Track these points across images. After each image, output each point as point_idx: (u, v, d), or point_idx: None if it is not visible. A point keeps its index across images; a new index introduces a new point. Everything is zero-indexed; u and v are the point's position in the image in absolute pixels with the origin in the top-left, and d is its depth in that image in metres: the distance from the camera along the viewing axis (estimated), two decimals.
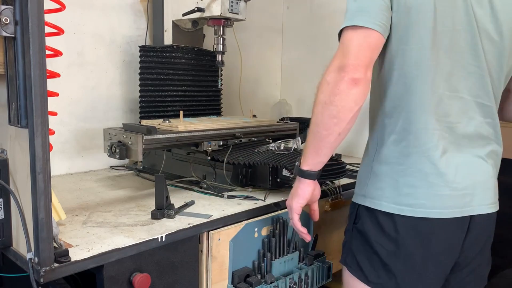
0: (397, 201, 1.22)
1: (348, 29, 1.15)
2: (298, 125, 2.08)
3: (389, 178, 1.24)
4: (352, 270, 1.33)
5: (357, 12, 1.14)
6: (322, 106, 1.17)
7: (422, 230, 1.22)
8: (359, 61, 1.13)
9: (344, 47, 1.15)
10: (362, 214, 1.31)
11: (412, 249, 1.23)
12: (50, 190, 1.00)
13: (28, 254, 1.02)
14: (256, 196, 1.60)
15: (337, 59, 1.15)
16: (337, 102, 1.14)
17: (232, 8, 1.88)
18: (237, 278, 1.41)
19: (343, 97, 1.13)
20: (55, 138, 1.82)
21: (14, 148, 1.10)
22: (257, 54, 2.75)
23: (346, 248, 1.38)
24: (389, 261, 1.25)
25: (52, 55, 1.42)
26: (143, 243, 1.19)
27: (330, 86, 1.15)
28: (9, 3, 0.99)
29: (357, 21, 1.13)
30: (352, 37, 1.14)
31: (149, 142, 1.53)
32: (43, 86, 0.96)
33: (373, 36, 1.14)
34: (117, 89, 2.11)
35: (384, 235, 1.25)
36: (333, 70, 1.15)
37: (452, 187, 1.21)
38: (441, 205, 1.20)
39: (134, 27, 2.13)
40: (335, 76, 1.14)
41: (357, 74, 1.12)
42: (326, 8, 2.62)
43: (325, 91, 1.16)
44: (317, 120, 1.20)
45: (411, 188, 1.21)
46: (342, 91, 1.13)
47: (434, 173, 1.20)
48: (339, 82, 1.13)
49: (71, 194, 1.64)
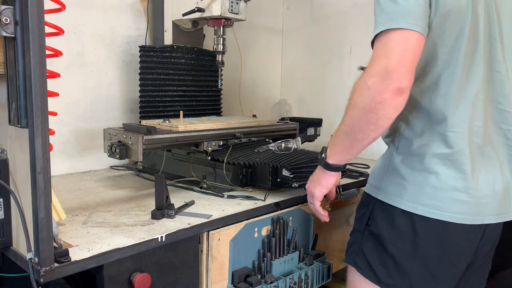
0: (418, 201, 1.20)
1: (391, 31, 1.08)
2: (298, 125, 2.08)
3: (410, 175, 1.22)
4: (363, 271, 1.31)
5: (399, 14, 1.08)
6: (360, 111, 1.12)
7: (441, 232, 1.20)
8: (405, 67, 1.07)
9: (388, 50, 1.08)
10: (377, 216, 1.28)
11: (429, 250, 1.22)
12: (50, 190, 1.00)
13: (28, 254, 1.03)
14: (256, 196, 1.60)
15: (380, 62, 1.08)
16: (378, 110, 1.09)
17: (232, 8, 1.88)
18: (237, 278, 1.41)
19: (385, 106, 1.08)
20: (55, 138, 1.82)
21: (14, 148, 1.10)
22: (257, 54, 2.75)
23: (355, 249, 1.35)
24: (404, 262, 1.24)
25: (52, 55, 1.42)
26: (143, 243, 1.19)
27: (371, 92, 1.08)
28: (9, 3, 0.99)
29: (401, 24, 1.07)
30: (397, 39, 1.08)
31: (149, 142, 1.53)
32: (43, 86, 0.96)
33: (417, 39, 1.09)
34: (117, 89, 2.11)
35: (401, 236, 1.24)
36: (376, 74, 1.08)
37: (474, 194, 1.18)
38: (464, 211, 1.18)
39: (134, 27, 2.13)
40: (379, 83, 1.07)
41: (404, 82, 1.06)
42: (326, 8, 2.62)
43: (365, 96, 1.10)
44: (353, 124, 1.16)
45: (434, 189, 1.19)
46: (385, 100, 1.07)
47: (459, 177, 1.18)
48: (384, 90, 1.07)
49: (71, 194, 1.64)
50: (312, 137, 2.19)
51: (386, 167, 1.29)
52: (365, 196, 1.37)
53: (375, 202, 1.30)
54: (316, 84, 2.76)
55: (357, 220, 1.39)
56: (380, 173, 1.31)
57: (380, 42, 1.10)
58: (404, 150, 1.25)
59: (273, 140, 1.91)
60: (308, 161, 1.66)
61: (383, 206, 1.27)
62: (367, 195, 1.35)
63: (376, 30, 1.11)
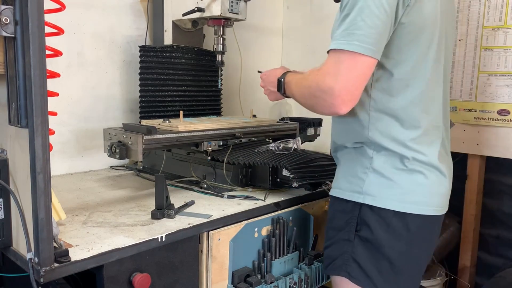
0: (409, 200, 1.25)
1: (345, 52, 1.14)
2: (298, 125, 2.08)
3: (396, 176, 1.25)
4: (359, 281, 1.30)
5: (355, 35, 1.13)
6: (308, 98, 1.28)
7: (429, 226, 1.29)
8: (349, 94, 1.15)
9: (338, 71, 1.15)
10: (369, 221, 1.27)
11: (420, 246, 1.29)
12: (50, 190, 1.00)
13: (28, 254, 1.03)
14: (256, 196, 1.60)
15: (328, 80, 1.15)
16: (316, 110, 1.25)
17: (232, 8, 1.88)
18: (237, 278, 1.41)
19: (322, 111, 1.24)
20: (55, 138, 1.82)
21: (14, 148, 1.10)
22: (257, 54, 2.75)
23: (344, 259, 1.32)
24: (399, 263, 1.27)
25: (52, 55, 1.42)
26: (143, 243, 1.19)
27: (316, 100, 1.21)
28: (9, 3, 0.99)
29: (355, 47, 1.12)
30: (348, 64, 1.14)
31: (149, 142, 1.53)
32: (43, 86, 0.96)
33: (368, 64, 1.15)
34: (117, 89, 2.11)
35: (395, 237, 1.26)
36: (322, 90, 1.17)
37: (448, 186, 1.32)
38: (441, 203, 1.30)
39: (134, 27, 2.13)
40: (322, 99, 1.18)
41: (343, 109, 1.16)
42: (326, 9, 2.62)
43: (311, 99, 1.24)
44: (304, 95, 1.31)
45: (422, 187, 1.26)
46: (323, 113, 1.26)
47: (438, 173, 1.28)
48: (325, 106, 1.18)
49: (71, 194, 1.64)
50: (312, 137, 2.19)
51: (364, 170, 1.29)
52: (342, 203, 1.34)
53: (360, 207, 1.29)
54: None
55: (338, 229, 1.34)
56: (357, 177, 1.30)
57: (333, 58, 1.17)
58: (384, 152, 1.27)
59: (273, 140, 1.91)
60: (308, 161, 1.66)
61: (373, 210, 1.27)
62: (345, 202, 1.33)
63: (332, 45, 1.18)
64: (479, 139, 2.14)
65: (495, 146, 2.09)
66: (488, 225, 2.26)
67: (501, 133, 2.06)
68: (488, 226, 2.26)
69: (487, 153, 2.14)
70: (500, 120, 2.05)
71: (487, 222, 2.26)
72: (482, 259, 2.30)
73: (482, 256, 2.30)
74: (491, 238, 2.26)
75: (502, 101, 2.04)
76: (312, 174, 1.64)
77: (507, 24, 2.01)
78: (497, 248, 2.25)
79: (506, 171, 2.21)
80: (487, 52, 2.07)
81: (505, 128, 2.05)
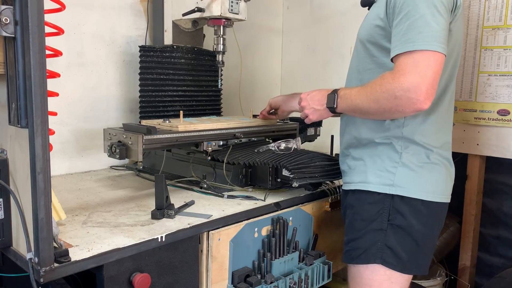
0: (432, 190, 1.40)
1: (425, 51, 1.21)
2: (298, 125, 2.08)
3: (421, 168, 1.39)
4: (393, 266, 1.41)
5: (433, 37, 1.21)
6: (379, 109, 1.29)
7: (443, 212, 1.47)
8: (433, 89, 1.22)
9: (421, 70, 1.20)
10: (402, 209, 1.39)
11: (437, 229, 1.47)
12: (50, 190, 1.00)
13: (28, 254, 1.03)
14: (256, 196, 1.60)
15: (412, 79, 1.20)
16: (394, 114, 1.30)
17: (232, 8, 1.88)
18: (237, 278, 1.41)
19: (401, 114, 1.31)
20: (55, 138, 1.82)
21: (14, 148, 1.10)
22: (257, 54, 2.75)
23: (378, 247, 1.42)
24: (422, 243, 1.42)
25: (52, 55, 1.42)
26: (143, 243, 1.19)
27: (397, 101, 1.24)
28: (9, 3, 0.99)
29: (435, 46, 1.21)
30: (430, 62, 1.21)
31: (149, 142, 1.53)
32: (43, 86, 0.96)
33: (442, 61, 1.24)
34: (117, 89, 2.11)
35: (423, 222, 1.40)
36: (406, 89, 1.21)
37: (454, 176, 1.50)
38: (450, 192, 1.47)
39: (134, 27, 2.13)
40: (406, 98, 1.22)
41: (428, 104, 1.22)
42: (326, 9, 2.62)
43: (390, 102, 1.25)
44: (368, 110, 1.34)
45: (440, 177, 1.42)
46: (405, 112, 1.26)
47: (450, 166, 1.47)
48: (408, 106, 1.23)
49: (71, 194, 1.64)
50: (312, 137, 2.19)
51: (394, 165, 1.40)
52: (370, 196, 1.44)
53: (392, 198, 1.40)
54: (316, 84, 2.73)
55: (369, 220, 1.44)
56: (387, 171, 1.41)
57: (411, 58, 1.22)
58: (412, 147, 1.40)
59: (273, 140, 1.90)
60: (308, 161, 1.66)
61: (404, 199, 1.39)
62: (375, 194, 1.42)
63: (408, 47, 1.22)
64: (479, 139, 2.14)
65: (495, 146, 2.09)
66: (488, 225, 2.26)
67: (501, 133, 2.07)
68: (488, 226, 2.26)
69: (487, 153, 2.14)
70: (500, 120, 2.05)
71: (487, 222, 2.26)
72: (482, 259, 2.30)
73: (482, 256, 2.30)
74: (491, 238, 2.26)
75: (502, 101, 2.04)
76: (312, 174, 1.64)
77: (507, 24, 2.01)
78: (497, 248, 2.25)
79: (506, 171, 2.21)
80: (487, 52, 2.08)
81: (505, 128, 2.05)
